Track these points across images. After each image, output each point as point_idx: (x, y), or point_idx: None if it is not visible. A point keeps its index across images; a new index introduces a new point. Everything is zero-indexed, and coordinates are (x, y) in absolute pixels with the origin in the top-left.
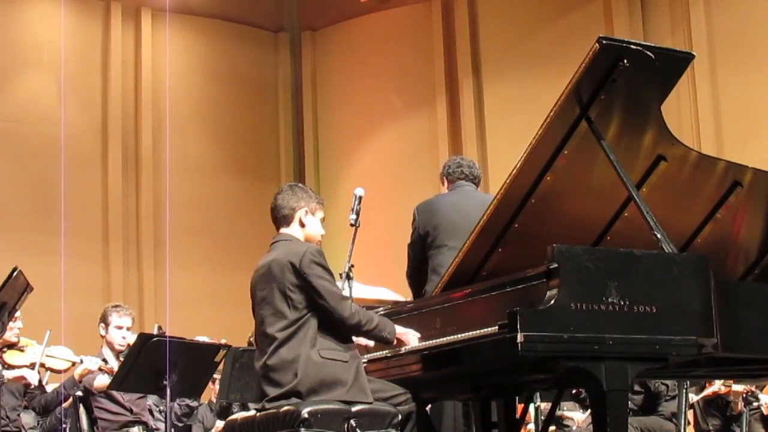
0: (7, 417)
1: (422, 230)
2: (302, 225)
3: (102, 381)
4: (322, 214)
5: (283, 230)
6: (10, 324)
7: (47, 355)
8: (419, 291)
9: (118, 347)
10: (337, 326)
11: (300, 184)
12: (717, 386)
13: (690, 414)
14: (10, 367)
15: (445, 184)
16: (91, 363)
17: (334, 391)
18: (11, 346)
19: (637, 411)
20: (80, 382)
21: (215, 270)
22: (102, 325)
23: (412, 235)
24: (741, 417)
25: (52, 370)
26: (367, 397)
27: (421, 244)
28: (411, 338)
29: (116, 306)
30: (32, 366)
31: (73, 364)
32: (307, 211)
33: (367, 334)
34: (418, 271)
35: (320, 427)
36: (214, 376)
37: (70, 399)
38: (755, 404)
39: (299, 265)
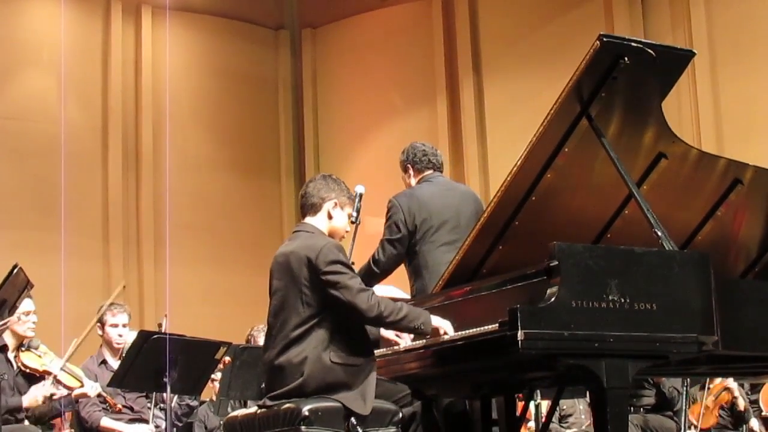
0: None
1: (410, 225)
2: (330, 217)
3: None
4: (350, 210)
5: (308, 219)
6: (23, 318)
7: (61, 369)
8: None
9: (116, 345)
10: (353, 327)
11: (334, 176)
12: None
13: (692, 413)
14: (24, 366)
15: (411, 172)
16: (91, 389)
17: (335, 394)
18: (23, 343)
19: (649, 410)
20: (76, 402)
21: (215, 267)
22: (98, 325)
23: (392, 230)
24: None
25: (65, 386)
26: (365, 407)
27: (407, 240)
28: (448, 328)
29: (110, 305)
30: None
31: (82, 384)
32: (336, 204)
33: (395, 326)
34: (394, 266)
35: (321, 424)
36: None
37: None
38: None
39: (315, 261)
